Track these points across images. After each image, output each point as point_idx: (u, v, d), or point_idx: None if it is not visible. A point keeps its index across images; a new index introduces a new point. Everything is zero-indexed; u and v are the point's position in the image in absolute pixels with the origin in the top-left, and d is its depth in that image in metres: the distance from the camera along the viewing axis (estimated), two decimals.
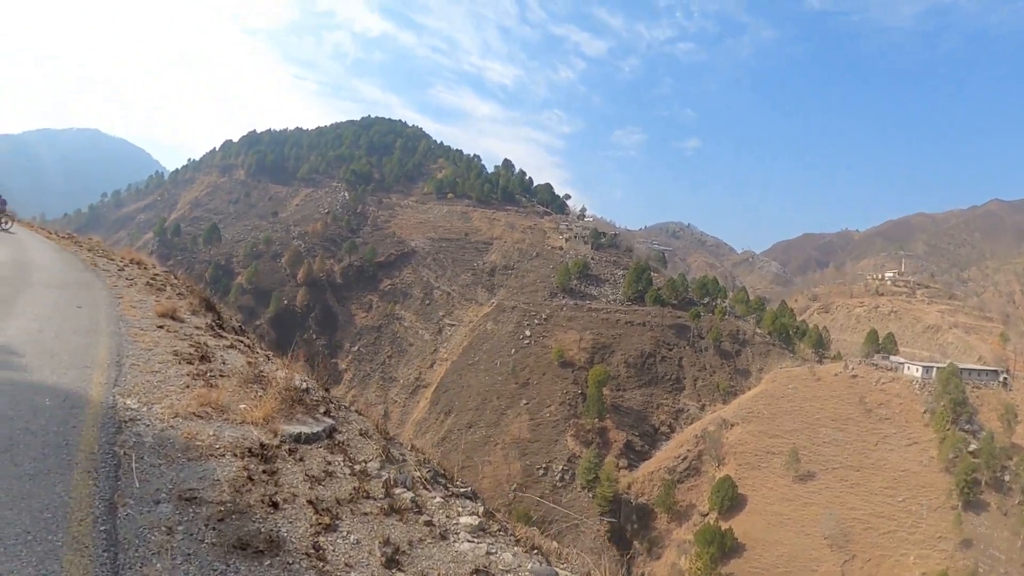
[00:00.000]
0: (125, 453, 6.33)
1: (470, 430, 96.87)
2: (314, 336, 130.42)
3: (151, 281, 20.25)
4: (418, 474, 7.54)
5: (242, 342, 13.84)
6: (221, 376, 9.21)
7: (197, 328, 13.58)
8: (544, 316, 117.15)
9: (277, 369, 10.70)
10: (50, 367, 8.72)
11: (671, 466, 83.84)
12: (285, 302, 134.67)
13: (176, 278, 24.77)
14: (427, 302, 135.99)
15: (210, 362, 10.14)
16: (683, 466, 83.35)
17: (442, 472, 8.35)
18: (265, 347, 16.41)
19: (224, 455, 6.56)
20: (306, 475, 6.48)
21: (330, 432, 7.79)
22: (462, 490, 7.78)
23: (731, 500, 74.36)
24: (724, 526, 69.87)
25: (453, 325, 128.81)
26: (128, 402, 7.74)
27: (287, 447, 7.04)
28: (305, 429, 7.55)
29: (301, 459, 6.87)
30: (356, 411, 10.20)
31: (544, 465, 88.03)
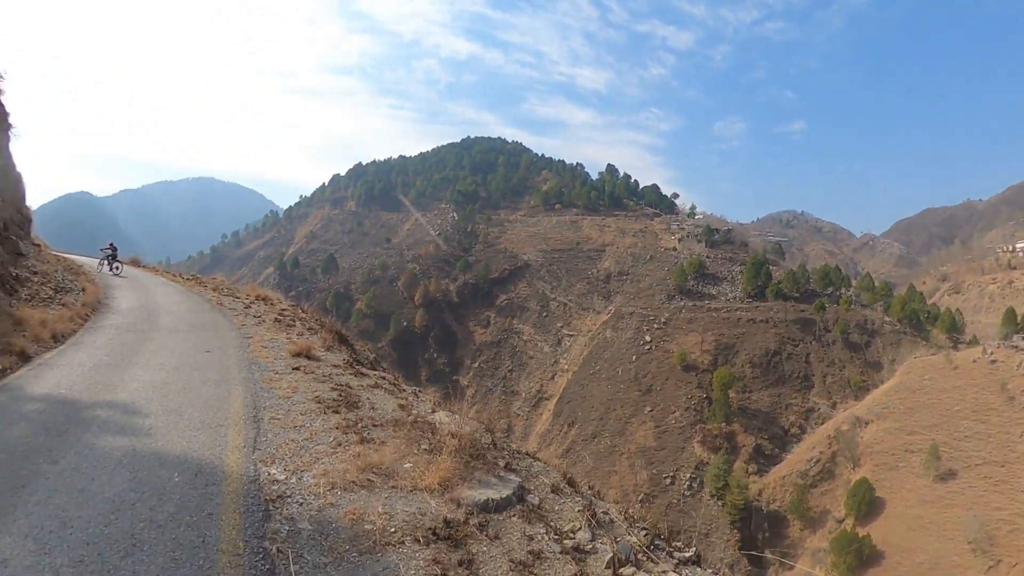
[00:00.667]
0: (279, 550, 5.32)
1: (595, 440, 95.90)
2: (435, 355, 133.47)
3: (279, 317, 20.62)
4: (635, 540, 6.61)
5: (385, 379, 13.25)
6: (374, 425, 8.54)
7: (335, 366, 13.02)
8: (663, 320, 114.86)
9: (433, 410, 10.09)
10: (178, 429, 8.09)
11: (803, 470, 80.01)
12: (404, 324, 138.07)
13: (304, 311, 25.27)
14: (544, 314, 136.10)
15: (358, 408, 9.47)
16: (816, 469, 79.25)
17: (657, 532, 7.50)
18: (400, 378, 15.41)
19: (403, 541, 5.51)
20: (510, 560, 5.46)
21: (520, 494, 6.81)
22: (686, 555, 7.01)
23: (868, 504, 69.76)
24: (861, 532, 65.60)
25: (572, 335, 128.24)
26: (273, 471, 6.90)
27: (476, 520, 6.02)
28: (492, 494, 6.55)
29: (497, 536, 5.86)
30: (532, 456, 8.84)
31: (671, 473, 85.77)
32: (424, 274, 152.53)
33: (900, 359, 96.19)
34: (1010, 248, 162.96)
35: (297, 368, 12.10)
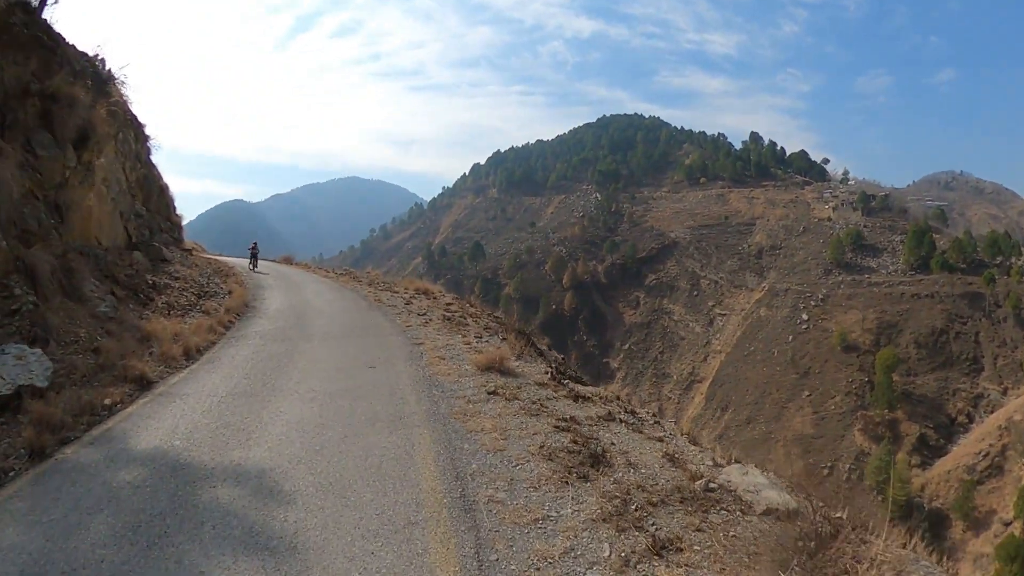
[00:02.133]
0: None
1: (749, 426, 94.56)
2: (584, 338, 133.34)
3: (447, 314, 18.55)
4: None
5: (611, 401, 11.26)
6: (651, 505, 6.11)
7: (539, 384, 10.83)
8: (821, 297, 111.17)
9: (716, 462, 8.06)
10: (340, 534, 5.51)
11: (970, 464, 74.41)
12: (553, 307, 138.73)
13: (472, 305, 23.46)
14: (695, 293, 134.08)
15: (610, 467, 7.10)
16: (984, 464, 73.39)
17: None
18: (627, 396, 13.76)
19: None
20: None
21: None
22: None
23: None
24: None
25: (724, 315, 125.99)
26: None
27: None
28: None
29: None
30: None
31: (829, 464, 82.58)
32: (571, 256, 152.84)
33: None
34: None
35: (494, 392, 9.93)
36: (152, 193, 24.09)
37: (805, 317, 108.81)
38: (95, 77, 17.60)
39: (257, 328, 15.65)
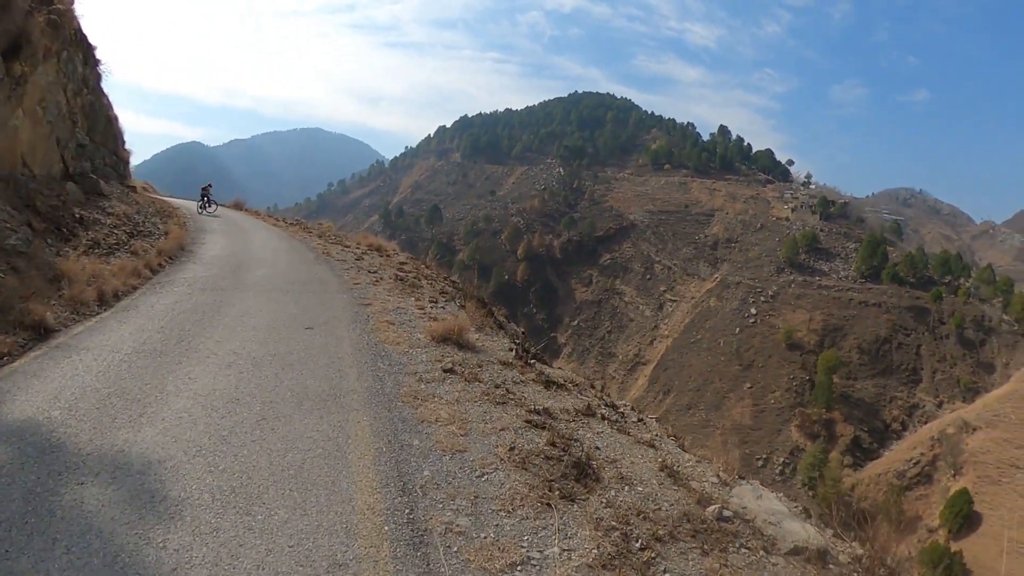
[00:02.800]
0: None
1: (689, 412, 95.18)
2: (534, 310, 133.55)
3: (399, 273, 17.11)
4: None
5: (585, 389, 10.26)
6: (656, 540, 4.86)
7: (503, 364, 9.38)
8: (771, 293, 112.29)
9: (724, 479, 6.89)
10: (238, 570, 4.06)
11: (901, 470, 76.44)
12: (506, 277, 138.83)
13: (427, 266, 21.92)
14: (648, 277, 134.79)
15: (599, 481, 5.83)
16: (914, 471, 75.59)
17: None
18: (599, 385, 12.88)
19: None
20: None
21: None
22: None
23: (964, 518, 65.33)
24: (953, 547, 60.92)
25: (675, 301, 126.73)
26: None
27: None
28: None
29: None
30: None
31: (764, 456, 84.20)
32: (528, 228, 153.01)
33: (1016, 363, 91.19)
34: None
35: (451, 371, 8.41)
36: (99, 123, 22.87)
37: (754, 311, 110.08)
38: None
39: (188, 275, 14.25)
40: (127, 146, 27.35)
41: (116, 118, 25.64)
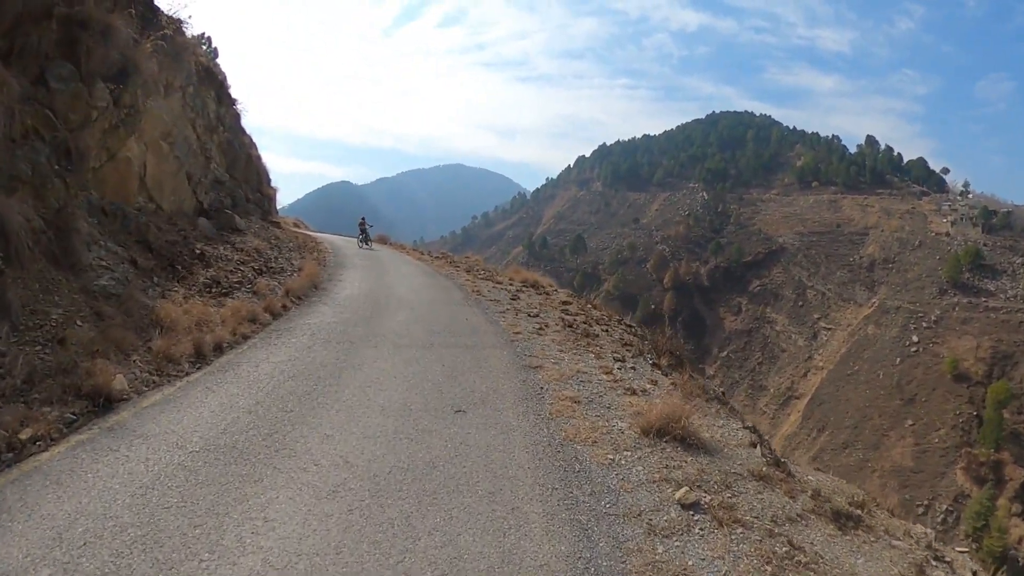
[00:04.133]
0: None
1: (845, 451, 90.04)
2: (681, 340, 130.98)
3: (565, 317, 14.41)
4: None
5: (925, 542, 8.28)
6: None
7: (760, 478, 6.39)
8: (933, 318, 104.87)
9: None
10: None
11: None
12: (652, 306, 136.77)
13: (594, 306, 19.10)
14: (800, 303, 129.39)
15: None
16: None
17: None
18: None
19: None
20: None
21: None
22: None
23: None
24: None
25: (829, 329, 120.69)
26: None
27: None
28: None
29: None
30: None
31: (926, 502, 77.35)
32: (674, 256, 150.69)
33: None
34: None
35: (694, 505, 5.48)
36: (238, 161, 22.88)
37: (915, 339, 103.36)
38: (148, 11, 15.12)
39: (314, 320, 12.13)
40: (272, 183, 27.86)
41: (258, 156, 25.93)
